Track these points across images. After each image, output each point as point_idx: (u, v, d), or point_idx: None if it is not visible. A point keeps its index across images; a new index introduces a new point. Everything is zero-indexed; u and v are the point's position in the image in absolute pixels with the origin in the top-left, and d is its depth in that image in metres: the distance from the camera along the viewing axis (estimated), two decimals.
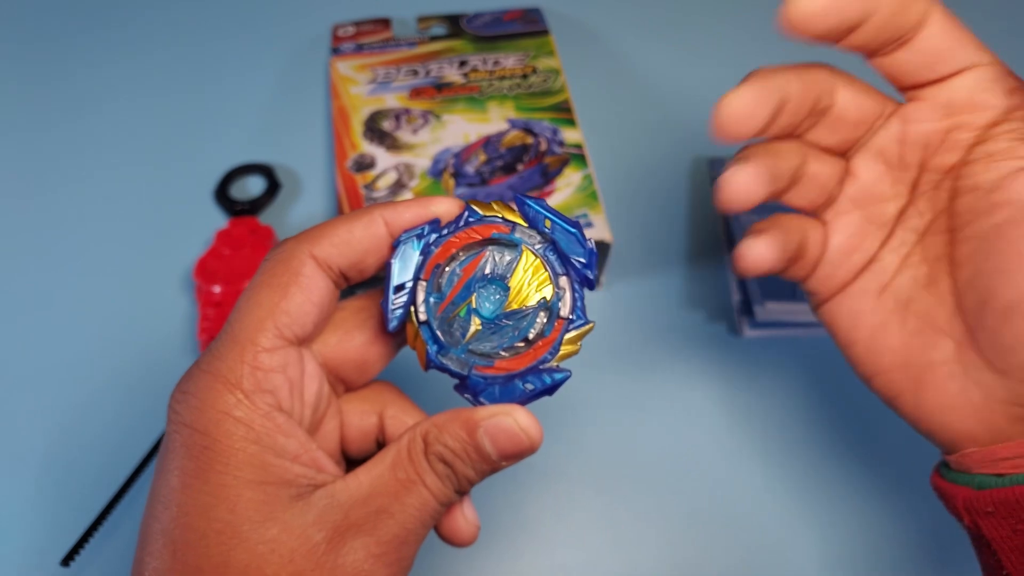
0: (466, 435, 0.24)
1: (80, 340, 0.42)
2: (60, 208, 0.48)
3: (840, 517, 0.38)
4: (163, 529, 0.22)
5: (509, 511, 0.38)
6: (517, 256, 0.25)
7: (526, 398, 0.25)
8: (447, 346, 0.25)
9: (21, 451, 0.39)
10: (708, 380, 0.42)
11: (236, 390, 0.23)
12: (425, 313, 0.25)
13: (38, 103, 0.53)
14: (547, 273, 0.25)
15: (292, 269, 0.24)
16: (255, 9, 0.58)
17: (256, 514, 0.22)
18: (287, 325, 0.24)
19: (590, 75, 0.54)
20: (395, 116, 0.48)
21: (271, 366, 0.23)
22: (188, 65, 0.55)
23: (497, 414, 0.24)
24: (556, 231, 0.25)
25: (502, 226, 0.25)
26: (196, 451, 0.22)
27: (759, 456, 0.40)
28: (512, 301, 0.25)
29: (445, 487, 0.24)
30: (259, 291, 0.24)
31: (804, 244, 0.28)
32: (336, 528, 0.23)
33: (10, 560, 0.36)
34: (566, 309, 0.25)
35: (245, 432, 0.22)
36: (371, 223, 0.25)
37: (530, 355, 0.25)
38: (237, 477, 0.22)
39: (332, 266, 0.25)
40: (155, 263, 0.45)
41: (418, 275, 0.25)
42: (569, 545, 0.37)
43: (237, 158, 0.49)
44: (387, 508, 0.23)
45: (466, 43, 0.53)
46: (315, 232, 0.25)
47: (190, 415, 0.23)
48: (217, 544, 0.22)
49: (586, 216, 0.43)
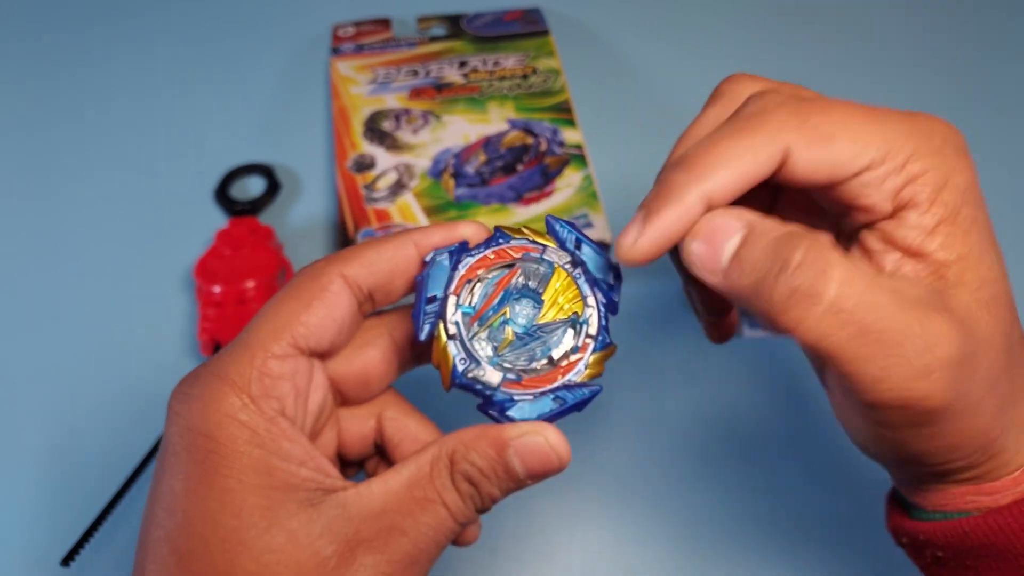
0: (495, 454, 0.23)
1: (80, 340, 0.42)
2: (60, 208, 0.48)
3: (840, 517, 0.38)
4: (167, 536, 0.22)
5: (511, 515, 0.38)
6: (551, 272, 0.25)
7: (556, 414, 0.24)
8: (477, 358, 0.25)
9: (21, 451, 0.39)
10: (707, 380, 0.42)
11: (242, 393, 0.22)
12: (455, 327, 0.25)
13: (38, 103, 0.53)
14: (578, 291, 0.25)
15: (320, 285, 0.24)
16: (255, 9, 0.58)
17: (261, 520, 0.22)
18: (303, 336, 0.24)
19: (590, 75, 0.54)
20: (395, 116, 0.48)
21: (280, 373, 0.23)
22: (188, 65, 0.55)
23: (527, 432, 0.23)
24: (585, 253, 0.26)
25: (532, 247, 0.26)
26: (200, 455, 0.22)
27: (759, 456, 0.40)
28: (545, 314, 0.25)
29: (466, 506, 0.23)
30: (282, 303, 0.24)
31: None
32: (347, 542, 0.22)
33: (10, 560, 0.36)
34: (593, 328, 0.25)
35: (249, 436, 0.22)
36: (401, 244, 0.25)
37: (557, 373, 0.25)
38: (242, 482, 0.22)
39: (361, 286, 0.25)
40: (155, 263, 0.45)
41: (449, 289, 0.25)
42: (569, 549, 0.37)
43: (237, 158, 0.49)
44: (400, 526, 0.22)
45: (466, 43, 0.53)
46: (346, 253, 0.25)
47: (192, 417, 0.22)
48: (222, 552, 0.21)
49: (586, 216, 0.43)
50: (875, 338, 0.20)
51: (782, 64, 0.55)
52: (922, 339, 0.20)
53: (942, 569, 0.26)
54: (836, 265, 0.20)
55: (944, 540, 0.24)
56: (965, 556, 0.24)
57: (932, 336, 0.20)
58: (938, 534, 0.25)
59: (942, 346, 0.20)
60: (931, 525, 0.25)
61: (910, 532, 0.26)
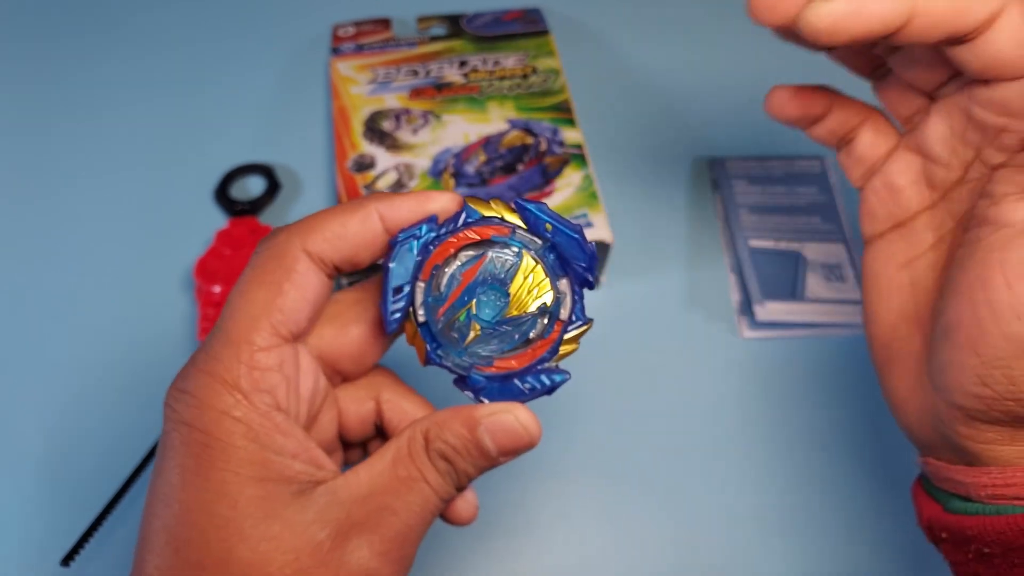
0: (467, 432, 0.24)
1: (80, 340, 0.42)
2: (60, 208, 0.48)
3: (839, 517, 0.38)
4: (164, 526, 0.22)
5: (510, 511, 0.38)
6: (517, 261, 0.25)
7: (525, 398, 0.25)
8: (447, 346, 0.25)
9: (21, 451, 0.39)
10: (707, 381, 0.42)
11: (234, 391, 0.23)
12: (424, 315, 0.24)
13: (38, 104, 0.53)
14: (547, 278, 0.25)
15: (285, 265, 0.24)
16: (255, 9, 0.58)
17: (257, 511, 0.22)
18: (282, 323, 0.24)
19: (590, 75, 0.54)
20: (395, 116, 0.48)
21: (268, 365, 0.23)
22: (188, 65, 0.55)
23: (498, 411, 0.24)
24: (557, 235, 0.25)
25: (501, 227, 0.25)
26: (196, 448, 0.22)
27: (758, 456, 0.40)
28: (512, 307, 0.25)
29: (446, 483, 0.24)
30: (252, 288, 0.24)
31: (854, 131, 0.28)
32: (339, 526, 0.23)
33: (10, 560, 0.36)
34: (566, 312, 0.25)
35: (244, 431, 0.22)
36: (367, 218, 0.24)
37: (529, 354, 0.25)
38: (238, 474, 0.22)
39: (325, 260, 0.24)
40: (155, 263, 0.45)
41: (416, 276, 0.24)
42: (570, 544, 0.37)
43: (237, 158, 0.49)
44: (390, 505, 0.23)
45: (466, 43, 0.53)
46: (308, 225, 0.24)
47: (189, 414, 0.22)
48: (218, 540, 0.22)
49: (586, 216, 0.43)
50: None
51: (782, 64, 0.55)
52: None
53: (984, 566, 0.25)
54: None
55: (996, 536, 0.24)
56: (1016, 554, 0.24)
57: None
58: (989, 529, 0.24)
59: None
60: (981, 520, 0.24)
61: (953, 527, 0.25)
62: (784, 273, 0.44)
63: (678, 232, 0.47)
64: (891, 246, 0.29)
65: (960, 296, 0.25)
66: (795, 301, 0.42)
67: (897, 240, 0.28)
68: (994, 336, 0.23)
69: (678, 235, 0.47)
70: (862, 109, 0.29)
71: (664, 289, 0.45)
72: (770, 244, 0.45)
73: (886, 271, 0.29)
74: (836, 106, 0.29)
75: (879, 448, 0.40)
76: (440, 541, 0.37)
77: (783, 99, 0.29)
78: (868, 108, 0.29)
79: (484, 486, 0.38)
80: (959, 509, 0.25)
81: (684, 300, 0.45)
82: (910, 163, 0.28)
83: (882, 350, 0.29)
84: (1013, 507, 0.24)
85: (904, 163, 0.28)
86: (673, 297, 0.45)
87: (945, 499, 0.26)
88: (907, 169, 0.28)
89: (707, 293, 0.45)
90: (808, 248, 0.45)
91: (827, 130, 0.29)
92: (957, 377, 0.24)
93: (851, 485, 0.39)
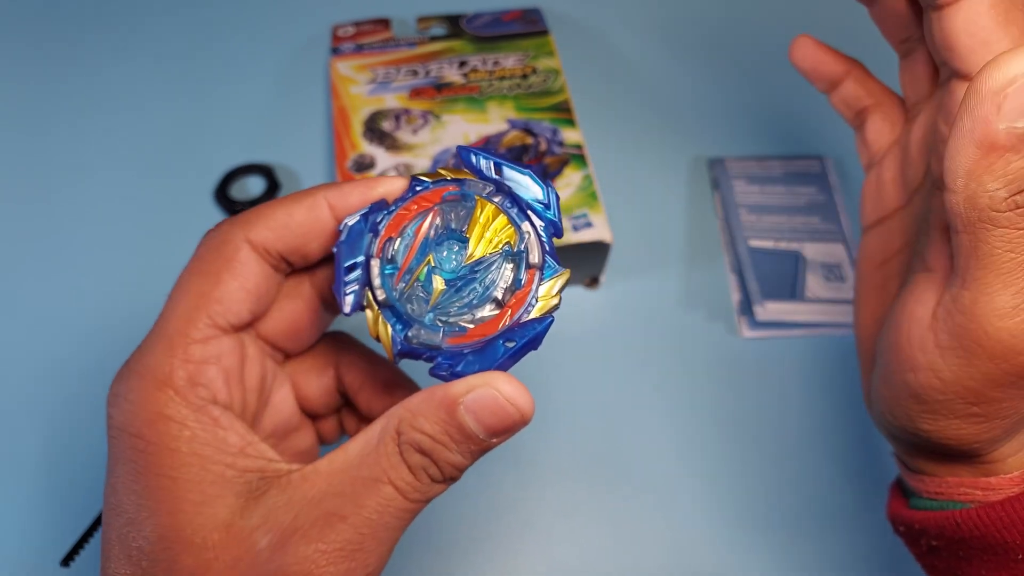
0: (446, 415, 0.21)
1: (80, 340, 0.42)
2: (60, 209, 0.48)
3: (837, 517, 0.38)
4: (118, 536, 0.21)
5: (507, 509, 0.38)
6: (471, 207, 0.22)
7: (509, 358, 0.22)
8: (414, 319, 0.22)
9: (21, 451, 0.39)
10: (706, 380, 0.42)
11: (167, 387, 0.21)
12: (383, 291, 0.22)
13: (38, 104, 0.53)
14: (506, 219, 0.22)
15: (225, 255, 0.23)
16: (255, 9, 0.58)
17: (197, 516, 0.21)
18: (220, 314, 0.22)
19: (590, 75, 0.54)
20: (395, 116, 0.48)
21: (203, 358, 0.22)
22: (188, 65, 0.55)
23: (476, 386, 0.21)
24: (508, 178, 0.23)
25: (451, 186, 0.23)
26: (132, 455, 0.21)
27: (757, 457, 0.40)
28: (473, 252, 0.22)
29: (419, 480, 0.21)
30: (189, 279, 0.23)
31: (867, 111, 0.29)
32: (283, 532, 0.21)
33: (10, 560, 0.36)
34: (535, 256, 0.22)
35: (178, 431, 0.21)
36: (314, 206, 0.23)
37: (505, 315, 0.22)
38: (175, 479, 0.21)
39: (270, 250, 0.23)
40: (155, 263, 0.45)
41: (370, 253, 0.22)
42: (567, 543, 0.37)
43: (237, 158, 0.49)
44: (339, 511, 0.21)
45: (466, 43, 0.53)
46: (252, 215, 0.23)
47: (122, 418, 0.21)
48: (163, 550, 0.21)
49: (586, 216, 0.43)
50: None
51: (782, 64, 0.55)
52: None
53: (935, 558, 0.26)
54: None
55: (938, 530, 0.25)
56: (958, 546, 0.24)
57: None
58: (932, 523, 0.25)
59: None
60: (926, 514, 0.25)
61: (907, 520, 0.26)
62: (784, 273, 0.44)
63: (678, 232, 0.47)
64: (873, 242, 0.29)
65: (887, 325, 0.25)
66: (795, 301, 0.42)
67: (878, 237, 0.29)
68: (897, 376, 0.24)
69: (678, 235, 0.47)
70: (878, 90, 0.29)
71: (664, 289, 0.45)
72: (770, 244, 0.45)
73: (867, 268, 0.29)
74: (854, 76, 0.29)
75: (878, 447, 0.40)
76: (435, 542, 0.37)
77: (805, 46, 0.30)
78: (885, 91, 0.29)
79: (484, 484, 0.38)
80: (913, 504, 0.27)
81: (683, 300, 0.45)
82: (897, 157, 0.28)
83: (860, 348, 0.29)
84: (953, 503, 0.25)
85: (894, 156, 0.28)
86: (673, 297, 0.45)
87: (908, 494, 0.28)
88: (894, 163, 0.28)
89: (707, 293, 0.45)
90: (808, 248, 0.45)
91: (841, 99, 0.30)
92: (880, 395, 0.25)
93: (852, 485, 0.39)
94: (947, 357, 0.22)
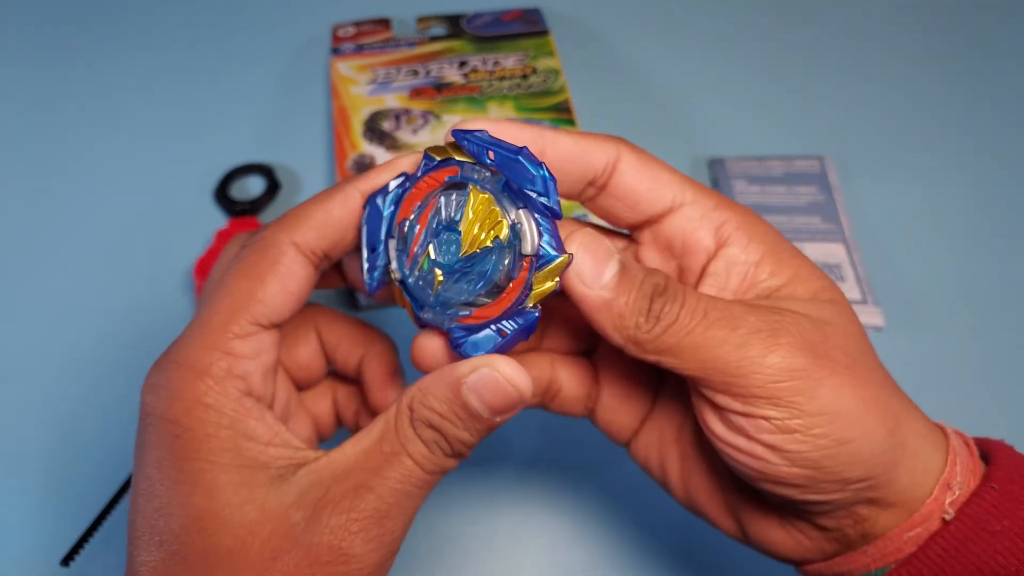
0: (451, 394, 0.22)
1: (80, 339, 0.42)
2: (60, 208, 0.48)
3: None
4: (147, 521, 0.22)
5: (509, 509, 0.38)
6: (464, 198, 0.23)
7: (502, 344, 0.23)
8: (424, 301, 0.23)
9: (21, 451, 0.39)
10: None
11: (205, 377, 0.22)
12: (399, 271, 0.24)
13: (39, 104, 0.53)
14: (497, 209, 0.23)
15: (270, 258, 0.24)
16: (255, 9, 0.58)
17: (234, 497, 0.22)
18: (263, 314, 0.23)
19: (590, 75, 0.54)
20: (395, 116, 0.48)
21: (243, 353, 0.23)
22: (188, 65, 0.55)
23: (478, 367, 0.22)
24: (501, 162, 0.22)
25: (452, 168, 0.23)
26: (169, 440, 0.22)
27: None
28: (465, 246, 0.23)
29: (433, 454, 0.23)
30: (235, 280, 0.24)
31: (553, 382, 0.29)
32: (316, 506, 0.22)
33: (10, 560, 0.36)
34: (529, 245, 0.22)
35: (216, 418, 0.22)
36: (347, 199, 0.24)
37: (504, 300, 0.23)
38: (212, 462, 0.22)
39: (315, 250, 0.24)
40: (155, 263, 0.45)
41: (389, 233, 0.24)
42: (568, 543, 0.37)
43: (237, 158, 0.49)
44: (366, 482, 0.22)
45: (466, 43, 0.53)
46: (291, 219, 0.24)
47: (161, 406, 0.22)
48: (198, 531, 0.22)
49: (586, 216, 0.43)
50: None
51: (782, 64, 0.55)
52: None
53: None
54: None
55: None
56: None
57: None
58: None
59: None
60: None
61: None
62: None
63: None
64: (647, 441, 0.29)
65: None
66: None
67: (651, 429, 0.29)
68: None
69: None
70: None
71: None
72: None
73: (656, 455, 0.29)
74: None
75: None
76: (439, 541, 0.37)
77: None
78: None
79: (483, 484, 0.38)
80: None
81: None
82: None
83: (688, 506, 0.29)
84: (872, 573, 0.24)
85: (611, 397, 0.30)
86: None
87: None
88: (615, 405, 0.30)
89: None
90: (808, 248, 0.45)
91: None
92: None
93: None
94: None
